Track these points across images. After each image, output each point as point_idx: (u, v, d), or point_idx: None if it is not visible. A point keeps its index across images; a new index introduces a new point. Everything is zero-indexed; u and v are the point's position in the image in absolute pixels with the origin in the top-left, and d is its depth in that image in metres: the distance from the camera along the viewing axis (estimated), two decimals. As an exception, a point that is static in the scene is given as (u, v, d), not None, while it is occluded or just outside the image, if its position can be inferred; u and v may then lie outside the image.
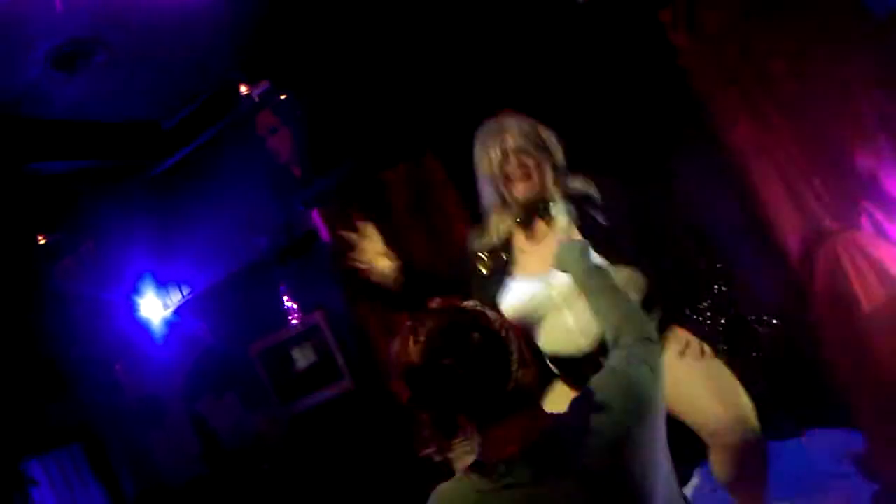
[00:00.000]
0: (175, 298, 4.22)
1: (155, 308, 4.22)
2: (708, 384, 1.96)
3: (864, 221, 2.66)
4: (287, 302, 3.87)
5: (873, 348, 2.63)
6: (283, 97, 3.64)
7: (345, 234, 2.37)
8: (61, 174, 3.64)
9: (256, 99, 3.60)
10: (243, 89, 3.56)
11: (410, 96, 3.37)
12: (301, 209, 3.77)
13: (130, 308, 4.19)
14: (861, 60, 2.60)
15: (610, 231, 2.09)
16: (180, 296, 4.21)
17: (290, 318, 3.87)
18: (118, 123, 3.66)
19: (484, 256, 2.26)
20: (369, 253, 2.31)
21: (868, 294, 2.63)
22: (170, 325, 4.21)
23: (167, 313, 4.22)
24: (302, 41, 3.44)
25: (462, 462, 1.46)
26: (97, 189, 3.91)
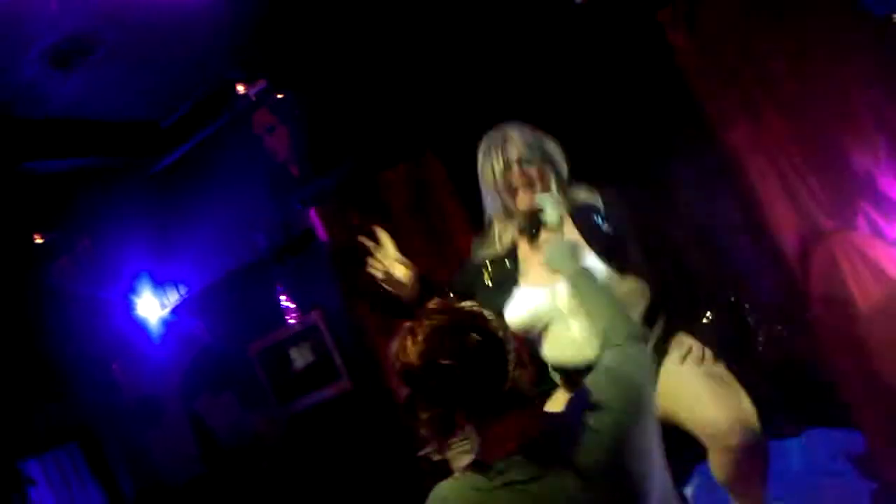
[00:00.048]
0: (172, 297, 4.22)
1: (152, 307, 4.22)
2: (709, 389, 1.95)
3: (861, 222, 2.66)
4: (285, 302, 3.86)
5: (870, 348, 2.64)
6: (281, 96, 3.64)
7: (363, 241, 2.28)
8: (58, 173, 3.63)
9: (253, 98, 3.60)
10: (240, 88, 3.55)
11: (410, 96, 3.37)
12: (298, 208, 3.76)
13: (128, 307, 4.19)
14: (861, 60, 2.60)
15: (615, 240, 2.09)
16: (178, 295, 4.21)
17: (288, 318, 3.86)
18: (115, 122, 3.65)
19: (488, 266, 2.26)
20: (388, 259, 2.24)
21: (865, 294, 2.63)
22: (167, 325, 4.21)
23: (165, 312, 4.22)
24: (300, 40, 3.43)
25: (460, 461, 1.46)
26: (94, 188, 3.90)
